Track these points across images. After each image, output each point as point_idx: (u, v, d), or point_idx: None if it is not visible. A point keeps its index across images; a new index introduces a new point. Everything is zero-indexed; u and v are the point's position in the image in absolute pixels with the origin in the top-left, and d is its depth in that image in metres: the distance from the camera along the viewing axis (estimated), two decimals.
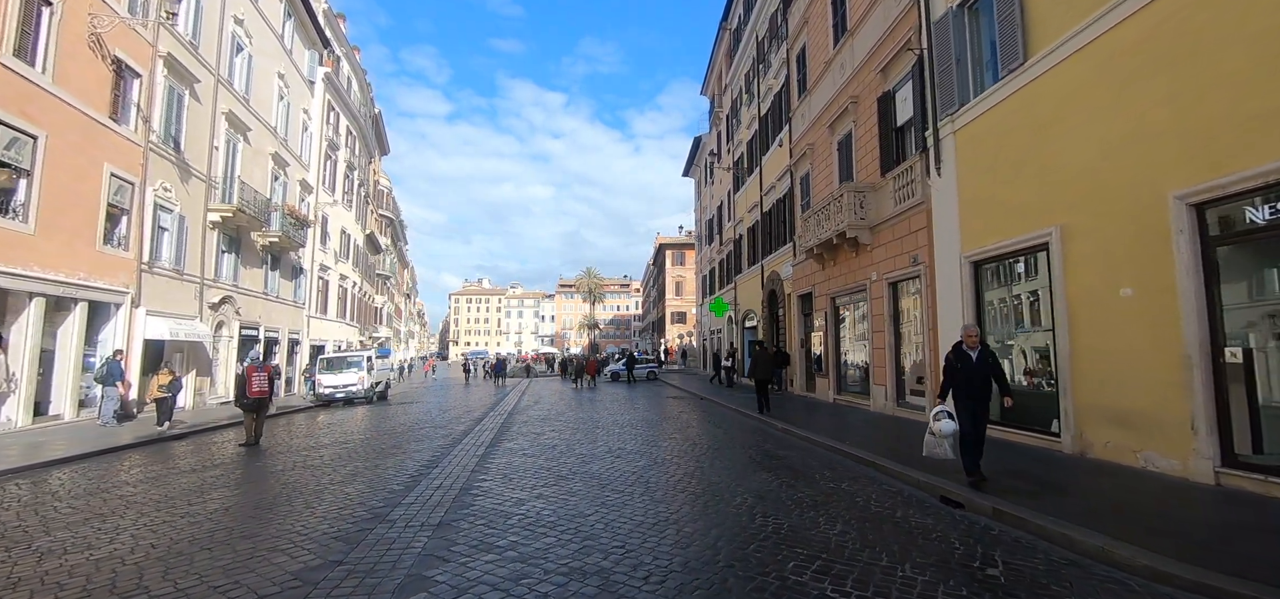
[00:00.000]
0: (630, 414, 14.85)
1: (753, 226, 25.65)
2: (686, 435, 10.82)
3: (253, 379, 10.49)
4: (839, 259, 15.27)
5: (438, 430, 12.13)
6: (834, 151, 16.13)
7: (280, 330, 25.17)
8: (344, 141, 34.08)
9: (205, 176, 18.85)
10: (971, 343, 6.37)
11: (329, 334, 31.72)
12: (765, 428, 11.70)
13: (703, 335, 41.16)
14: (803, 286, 18.39)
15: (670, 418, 14.00)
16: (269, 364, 10.92)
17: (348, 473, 7.58)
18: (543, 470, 7.43)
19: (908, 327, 12.53)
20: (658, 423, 12.85)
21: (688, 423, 12.81)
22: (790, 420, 11.90)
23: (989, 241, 9.43)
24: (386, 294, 62.61)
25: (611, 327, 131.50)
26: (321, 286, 30.79)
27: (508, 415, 15.27)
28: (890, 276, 12.64)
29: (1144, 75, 6.76)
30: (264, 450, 10.07)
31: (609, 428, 11.65)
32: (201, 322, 18.50)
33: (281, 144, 24.80)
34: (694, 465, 7.83)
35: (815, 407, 14.88)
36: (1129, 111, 6.97)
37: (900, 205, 12.13)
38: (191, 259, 18.25)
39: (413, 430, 12.43)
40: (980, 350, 6.35)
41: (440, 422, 14.06)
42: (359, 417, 16.30)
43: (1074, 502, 5.39)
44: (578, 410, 16.01)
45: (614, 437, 10.44)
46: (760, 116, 24.40)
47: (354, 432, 12.40)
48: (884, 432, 10.26)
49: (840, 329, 15.99)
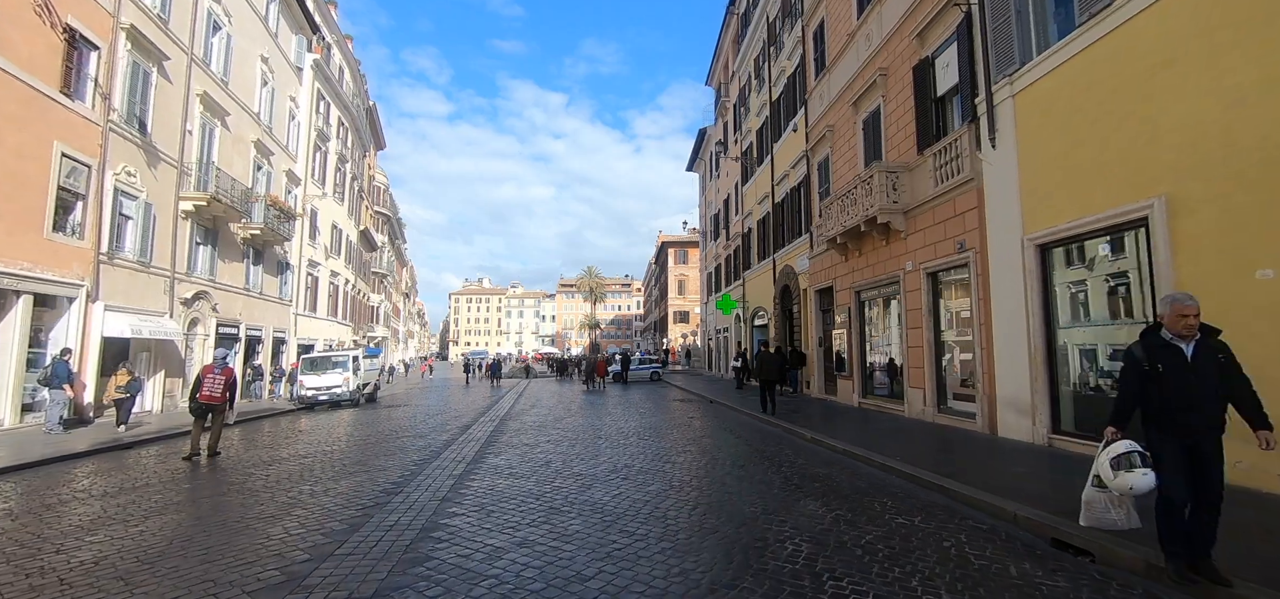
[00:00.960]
0: (635, 421, 13.44)
1: (763, 219, 24.22)
2: (701, 447, 9.40)
3: (204, 381, 9.09)
4: (866, 248, 13.84)
5: (417, 440, 10.71)
6: (858, 131, 14.69)
7: (264, 328, 23.79)
8: (335, 133, 32.70)
9: (176, 162, 17.47)
10: (1185, 327, 3.62)
11: (319, 333, 30.34)
12: (789, 437, 10.28)
13: (707, 335, 39.72)
14: (821, 280, 16.95)
15: (679, 425, 12.59)
16: (229, 367, 9.48)
17: (286, 501, 6.17)
18: (532, 499, 6.01)
19: (951, 322, 11.09)
20: (666, 431, 11.43)
21: (701, 432, 11.38)
22: (818, 428, 10.47)
23: (1061, 220, 7.99)
24: (383, 293, 61.25)
25: (612, 326, 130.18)
26: (310, 283, 29.41)
27: (500, 422, 13.87)
28: (929, 266, 11.20)
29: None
30: (209, 465, 8.69)
31: (613, 439, 10.22)
32: (171, 318, 17.11)
33: (265, 132, 23.42)
34: (719, 489, 6.42)
35: (839, 412, 13.45)
36: (1268, 48, 5.54)
37: (942, 185, 10.69)
38: (160, 251, 16.87)
39: (390, 439, 11.02)
40: (1200, 341, 3.64)
41: (424, 429, 12.65)
42: (338, 422, 14.90)
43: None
44: (577, 417, 14.60)
45: (619, 450, 9.01)
46: (772, 102, 22.96)
47: (323, 441, 10.99)
48: (930, 443, 8.83)
49: (866, 326, 14.55)
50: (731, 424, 12.55)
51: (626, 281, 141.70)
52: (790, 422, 11.58)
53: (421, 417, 15.98)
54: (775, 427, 11.58)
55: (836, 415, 12.75)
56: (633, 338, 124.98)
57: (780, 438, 10.24)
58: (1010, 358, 8.94)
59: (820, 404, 15.26)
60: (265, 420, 15.77)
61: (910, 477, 6.71)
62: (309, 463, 8.50)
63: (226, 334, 20.82)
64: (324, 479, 7.30)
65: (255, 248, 22.75)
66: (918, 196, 11.63)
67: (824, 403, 15.62)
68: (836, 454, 8.51)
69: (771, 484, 6.61)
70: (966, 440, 8.98)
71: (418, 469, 7.71)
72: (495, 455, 8.63)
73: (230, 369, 9.43)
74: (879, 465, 7.41)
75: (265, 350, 23.76)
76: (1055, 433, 8.10)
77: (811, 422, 11.65)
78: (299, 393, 19.67)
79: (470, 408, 18.28)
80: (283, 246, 25.27)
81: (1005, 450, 8.09)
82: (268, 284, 24.15)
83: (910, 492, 6.24)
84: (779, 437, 10.40)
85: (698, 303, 70.28)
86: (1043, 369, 8.24)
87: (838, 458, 8.19)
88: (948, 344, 11.12)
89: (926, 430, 10.13)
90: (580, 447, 9.34)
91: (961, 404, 10.46)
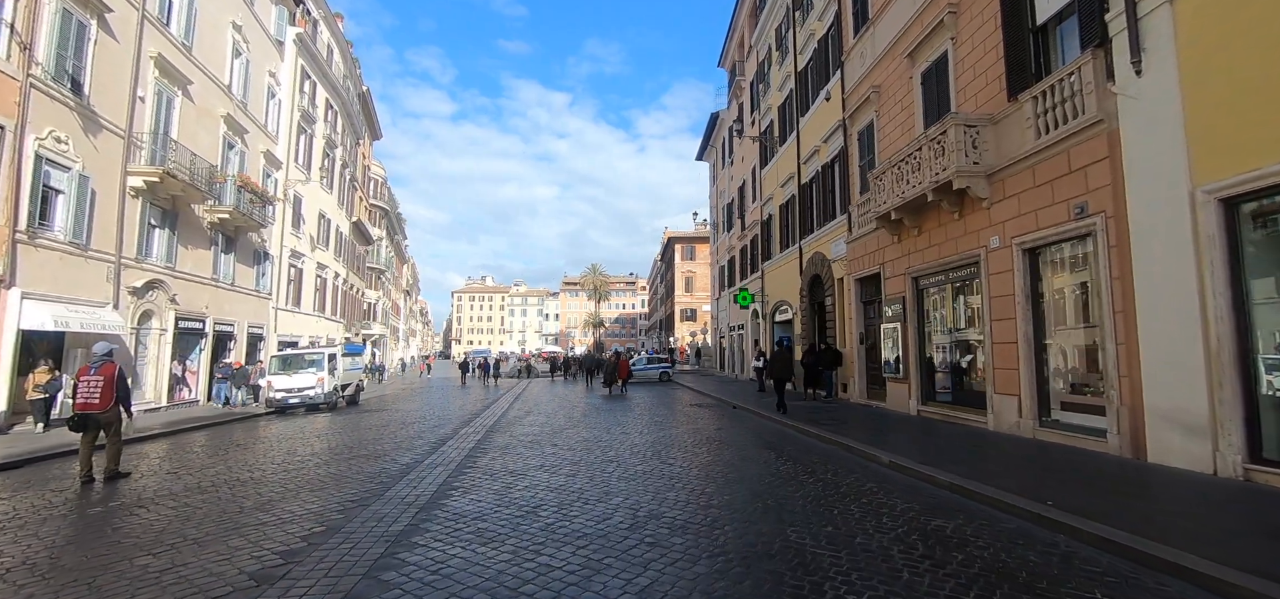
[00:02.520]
0: (651, 435, 11.14)
1: (787, 203, 21.85)
2: (746, 476, 7.09)
3: (79, 386, 6.85)
4: (928, 225, 11.48)
5: (372, 463, 8.36)
6: (915, 87, 12.33)
7: (237, 323, 21.60)
8: (323, 115, 30.51)
9: (123, 131, 15.26)
10: None
11: (304, 329, 28.17)
12: (857, 459, 7.95)
13: (719, 332, 37.38)
14: (864, 267, 14.60)
15: (707, 440, 10.28)
16: (110, 365, 7.19)
17: (133, 579, 3.90)
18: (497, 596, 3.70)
19: (1060, 311, 8.73)
20: (694, 450, 9.12)
21: (739, 451, 9.06)
22: (894, 448, 8.13)
23: (1264, 162, 5.63)
24: (381, 289, 59.20)
25: (617, 325, 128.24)
26: (294, 275, 27.23)
27: (485, 434, 11.62)
28: (1026, 239, 8.84)
29: None
30: (105, 490, 6.47)
31: (626, 465, 7.87)
32: (115, 309, 14.91)
33: (238, 107, 21.22)
34: (812, 565, 4.10)
35: (896, 423, 11.10)
36: None
37: (1049, 135, 8.32)
38: (103, 232, 14.68)
39: (339, 460, 8.73)
40: None
41: (390, 444, 10.37)
42: (292, 433, 12.65)
43: None
44: (580, 429, 12.32)
45: (637, 484, 6.68)
46: (797, 73, 20.59)
47: (253, 462, 8.74)
48: (1062, 473, 6.48)
49: (926, 319, 12.19)
50: (770, 438, 10.22)
51: (631, 280, 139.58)
52: (854, 438, 9.25)
53: (397, 426, 13.73)
54: (831, 443, 9.25)
55: (895, 428, 10.40)
56: (637, 336, 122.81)
57: (846, 462, 7.91)
58: (1166, 356, 6.58)
59: (866, 413, 12.90)
60: (210, 429, 13.55)
61: (1103, 542, 4.35)
62: (205, 501, 6.22)
63: (189, 329, 18.64)
64: (218, 528, 5.03)
65: (225, 234, 20.56)
66: (1007, 154, 9.26)
67: (870, 410, 13.26)
68: (939, 488, 6.17)
69: (877, 547, 4.29)
70: (1106, 468, 6.63)
71: (347, 517, 5.40)
72: (464, 495, 6.30)
73: (111, 367, 7.14)
74: (1026, 515, 5.05)
75: (238, 347, 21.57)
76: (1255, 463, 5.74)
77: (879, 438, 9.31)
78: (268, 396, 17.46)
79: (457, 414, 16.02)
80: (260, 234, 23.08)
81: (1182, 486, 5.74)
82: (242, 275, 21.97)
83: (1098, 562, 3.91)
84: (843, 459, 8.07)
85: (706, 300, 68.05)
86: (1233, 371, 5.88)
87: (949, 499, 5.84)
88: (1055, 337, 8.75)
89: (1036, 452, 7.78)
90: (584, 477, 7.01)
91: (1078, 417, 8.09)
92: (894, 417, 11.92)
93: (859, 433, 9.60)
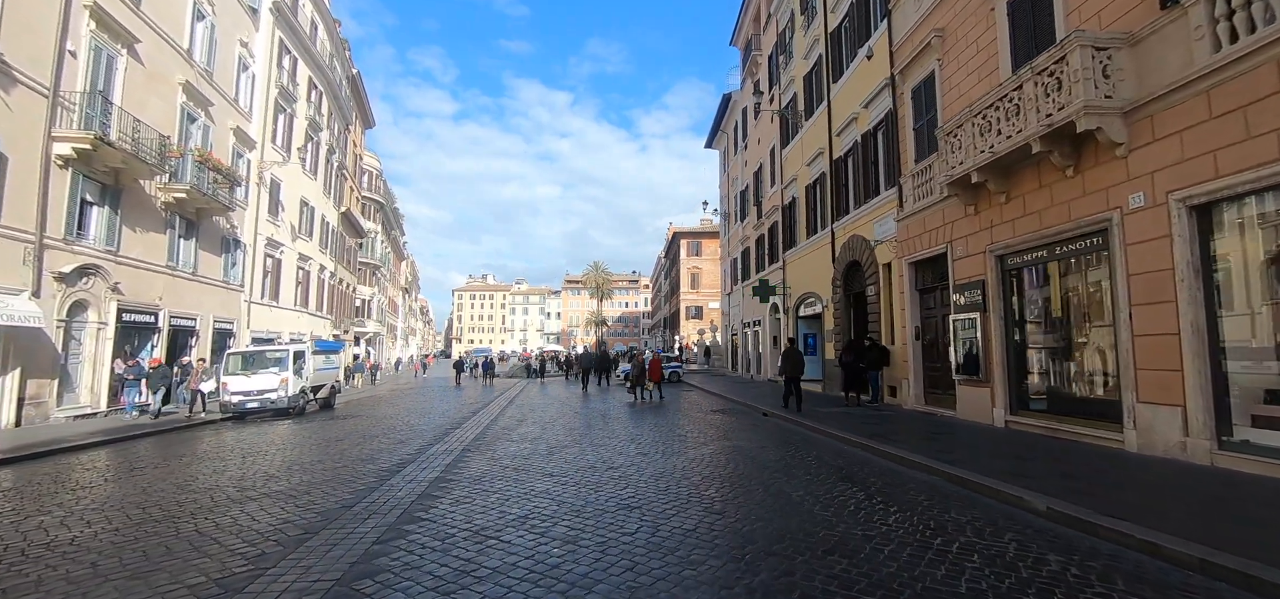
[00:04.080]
0: (678, 458, 8.83)
1: (814, 183, 19.48)
2: (869, 549, 4.74)
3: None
4: (1022, 186, 9.10)
5: (273, 510, 5.87)
6: (999, 21, 9.95)
7: (200, 317, 19.30)
8: (305, 95, 28.21)
9: (46, 89, 12.97)
10: None
11: (283, 324, 25.91)
12: (1011, 515, 5.60)
13: (731, 330, 35.01)
14: (921, 247, 12.22)
15: (755, 463, 7.96)
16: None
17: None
18: None
19: (1249, 289, 6.35)
20: (744, 483, 6.77)
21: (811, 487, 6.72)
22: (1031, 484, 5.78)
23: None
24: (376, 285, 57.02)
25: (619, 324, 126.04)
26: (272, 266, 24.95)
27: (463, 452, 9.35)
28: (1196, 194, 6.46)
29: None
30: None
31: (654, 515, 5.46)
32: (34, 297, 12.61)
33: (201, 75, 18.92)
34: None
35: (988, 440, 8.72)
36: None
37: (1239, 43, 5.95)
38: (18, 207, 12.39)
39: (222, 507, 6.37)
40: None
41: (324, 475, 8.00)
42: (213, 451, 10.32)
43: None
44: (582, 448, 10.01)
45: (678, 564, 4.32)
46: (827, 35, 18.21)
47: (145, 492, 6.41)
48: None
49: (1018, 307, 9.82)
50: (839, 461, 7.86)
51: (634, 278, 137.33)
52: (970, 469, 6.89)
53: (358, 439, 11.45)
54: (936, 475, 6.89)
55: (995, 448, 8.03)
56: (640, 335, 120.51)
57: (976, 509, 5.56)
58: None
59: (935, 425, 10.49)
60: (113, 447, 11.25)
61: None
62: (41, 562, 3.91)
63: (138, 323, 16.34)
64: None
65: (185, 217, 18.27)
66: (1158, 82, 6.88)
67: (936, 421, 10.87)
68: (1188, 575, 3.82)
69: None
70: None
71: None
72: (399, 551, 3.95)
73: None
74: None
75: (201, 344, 19.27)
76: None
77: (988, 464, 6.95)
78: (224, 398, 15.15)
79: (435, 423, 13.73)
80: (228, 219, 20.80)
81: None
82: (207, 264, 19.68)
83: None
84: (969, 506, 5.71)
85: (714, 297, 65.68)
86: None
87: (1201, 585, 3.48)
88: (1234, 326, 6.37)
89: (1223, 488, 5.42)
90: (590, 542, 4.60)
91: (1274, 436, 5.72)
92: (975, 430, 9.54)
93: (966, 459, 7.22)
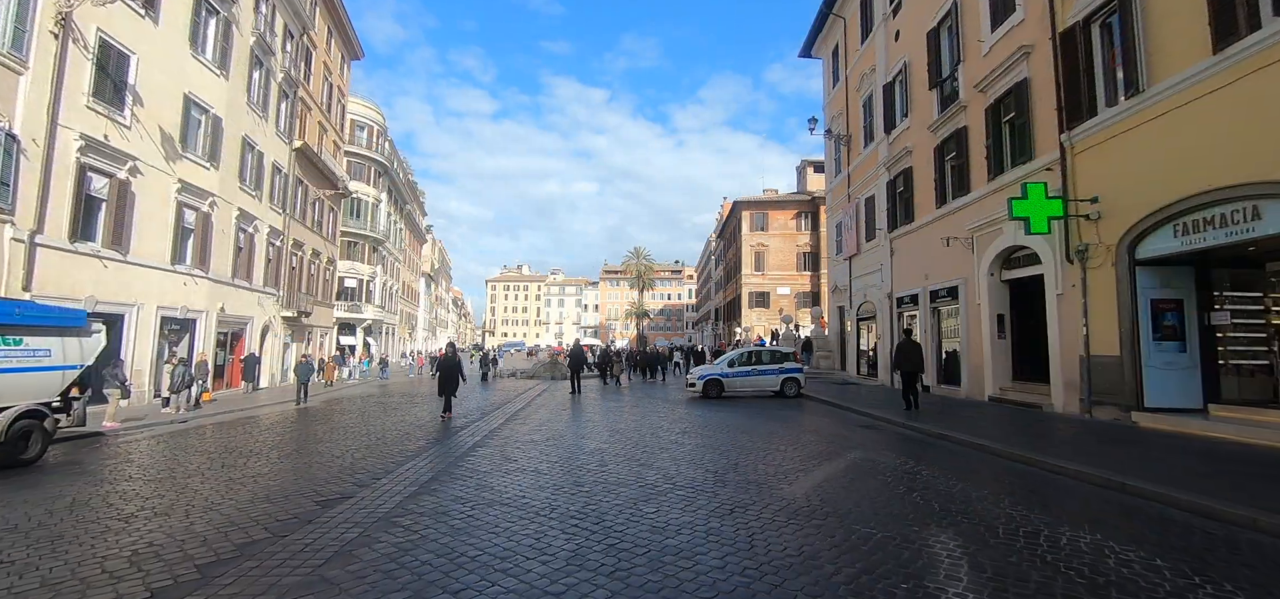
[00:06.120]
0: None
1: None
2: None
3: None
4: None
5: None
6: None
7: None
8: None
9: None
10: None
11: (140, 292, 15.86)
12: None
13: (849, 314, 23.13)
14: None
15: None
16: None
17: None
18: None
19: None
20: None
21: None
22: None
23: None
24: (376, 264, 47.57)
25: (661, 317, 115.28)
26: (108, 191, 14.81)
27: None
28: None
29: None
30: None
31: None
32: None
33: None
34: None
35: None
36: None
37: None
38: None
39: None
40: None
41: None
42: None
43: None
44: None
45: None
46: None
47: None
48: None
49: None
50: None
51: (677, 268, 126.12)
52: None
53: None
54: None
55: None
56: (684, 329, 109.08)
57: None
58: None
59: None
60: None
61: None
62: None
63: None
64: None
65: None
66: None
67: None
68: None
69: None
70: None
71: None
72: None
73: None
74: None
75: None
76: None
77: None
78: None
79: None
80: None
81: None
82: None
83: None
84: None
85: (783, 281, 53.55)
86: None
87: None
88: None
89: None
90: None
91: None
92: None
93: None
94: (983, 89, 13.29)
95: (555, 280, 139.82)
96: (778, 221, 54.41)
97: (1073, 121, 10.37)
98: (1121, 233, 9.33)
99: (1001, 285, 13.12)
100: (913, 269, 16.97)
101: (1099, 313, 9.83)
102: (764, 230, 55.02)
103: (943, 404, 12.80)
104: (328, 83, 32.26)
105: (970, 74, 13.98)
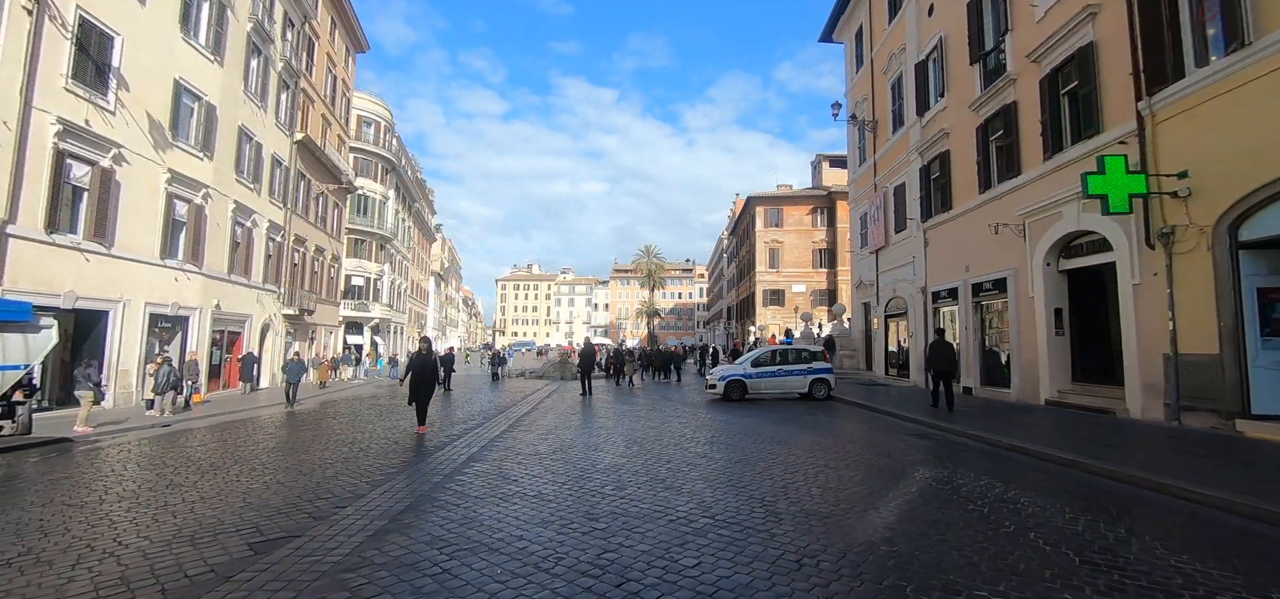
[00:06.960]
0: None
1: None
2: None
3: None
4: None
5: None
6: None
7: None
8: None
9: None
10: None
11: (128, 287, 15.01)
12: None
13: (875, 309, 21.82)
14: None
15: None
16: None
17: None
18: None
19: None
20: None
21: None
22: None
23: None
24: (385, 263, 46.85)
25: (672, 316, 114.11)
26: (90, 179, 13.94)
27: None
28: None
29: None
30: None
31: None
32: None
33: None
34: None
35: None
36: None
37: None
38: None
39: None
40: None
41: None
42: None
43: None
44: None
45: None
46: None
47: None
48: None
49: None
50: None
51: (688, 267, 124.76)
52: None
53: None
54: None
55: None
56: (695, 328, 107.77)
57: None
58: None
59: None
60: None
61: None
62: None
63: None
64: None
65: None
66: None
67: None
68: None
69: None
70: None
71: None
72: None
73: None
74: None
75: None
76: None
77: None
78: None
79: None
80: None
81: None
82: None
83: None
84: None
85: (798, 278, 52.13)
86: None
87: None
88: None
89: None
90: None
91: None
92: None
93: None
94: (1036, 59, 11.96)
95: (565, 279, 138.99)
96: (793, 217, 53.00)
97: (1154, 87, 9.04)
98: (1221, 212, 8.00)
99: (1059, 276, 11.78)
100: (951, 260, 15.65)
101: (1189, 305, 8.52)
102: (779, 226, 53.58)
103: (990, 408, 11.49)
104: (331, 75, 31.45)
105: (1020, 43, 12.66)
